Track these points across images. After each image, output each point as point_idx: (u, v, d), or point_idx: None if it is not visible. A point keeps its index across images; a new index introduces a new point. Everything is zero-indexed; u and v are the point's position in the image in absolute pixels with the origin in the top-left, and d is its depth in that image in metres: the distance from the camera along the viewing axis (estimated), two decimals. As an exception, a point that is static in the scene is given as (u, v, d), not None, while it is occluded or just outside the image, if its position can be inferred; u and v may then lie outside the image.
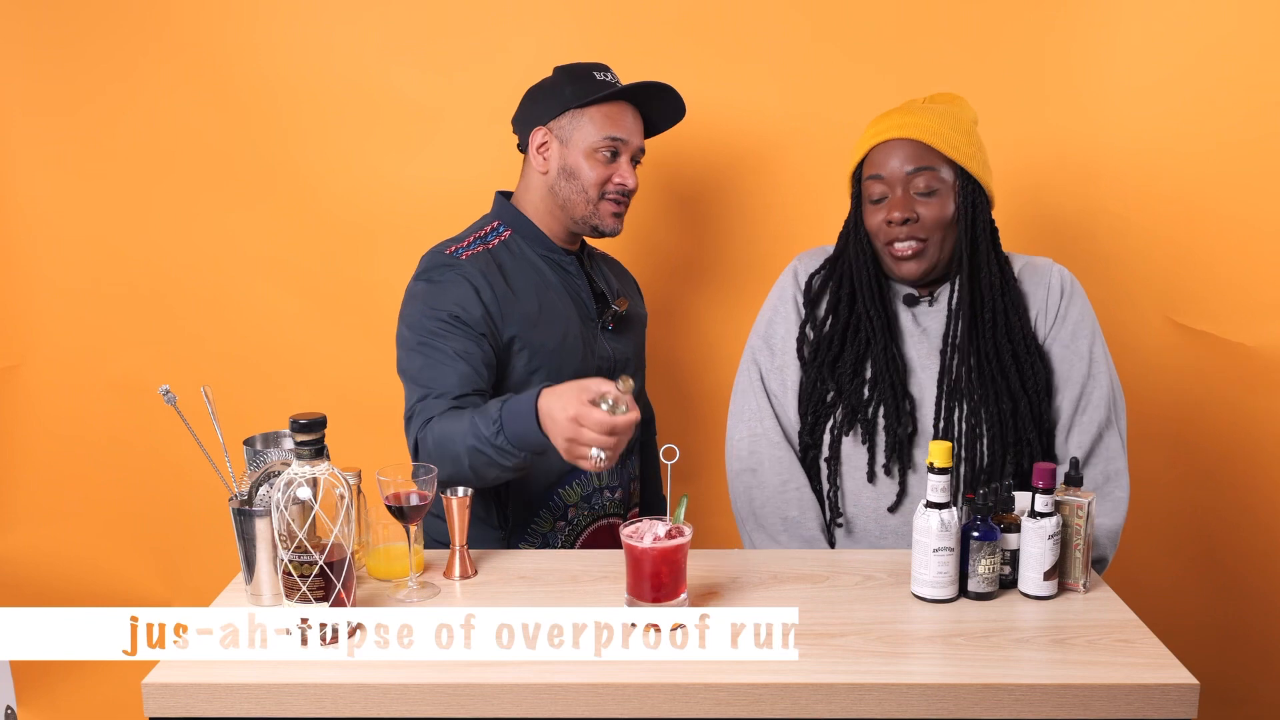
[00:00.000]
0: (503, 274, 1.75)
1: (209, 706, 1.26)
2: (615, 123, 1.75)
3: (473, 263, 1.73)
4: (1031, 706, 1.24)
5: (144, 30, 2.13)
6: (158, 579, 2.38)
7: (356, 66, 2.16)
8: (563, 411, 1.40)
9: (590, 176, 1.75)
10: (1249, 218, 2.09)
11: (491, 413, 1.52)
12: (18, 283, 2.25)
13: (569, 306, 1.80)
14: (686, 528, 1.40)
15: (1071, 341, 1.65)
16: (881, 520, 1.67)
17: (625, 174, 1.77)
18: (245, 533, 1.44)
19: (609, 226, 1.79)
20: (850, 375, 1.66)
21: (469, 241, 1.78)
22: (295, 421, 1.30)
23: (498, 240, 1.81)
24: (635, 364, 1.92)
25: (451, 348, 1.65)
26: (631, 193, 1.79)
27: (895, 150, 1.59)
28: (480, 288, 1.70)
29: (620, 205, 1.79)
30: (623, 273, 2.02)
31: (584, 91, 1.75)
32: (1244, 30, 2.03)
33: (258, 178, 2.20)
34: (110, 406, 2.29)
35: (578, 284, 1.83)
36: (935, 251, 1.61)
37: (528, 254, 1.80)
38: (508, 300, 1.72)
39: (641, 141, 1.80)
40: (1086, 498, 1.46)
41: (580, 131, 1.75)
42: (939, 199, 1.58)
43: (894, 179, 1.59)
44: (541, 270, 1.80)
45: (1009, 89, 2.11)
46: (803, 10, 2.11)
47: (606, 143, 1.74)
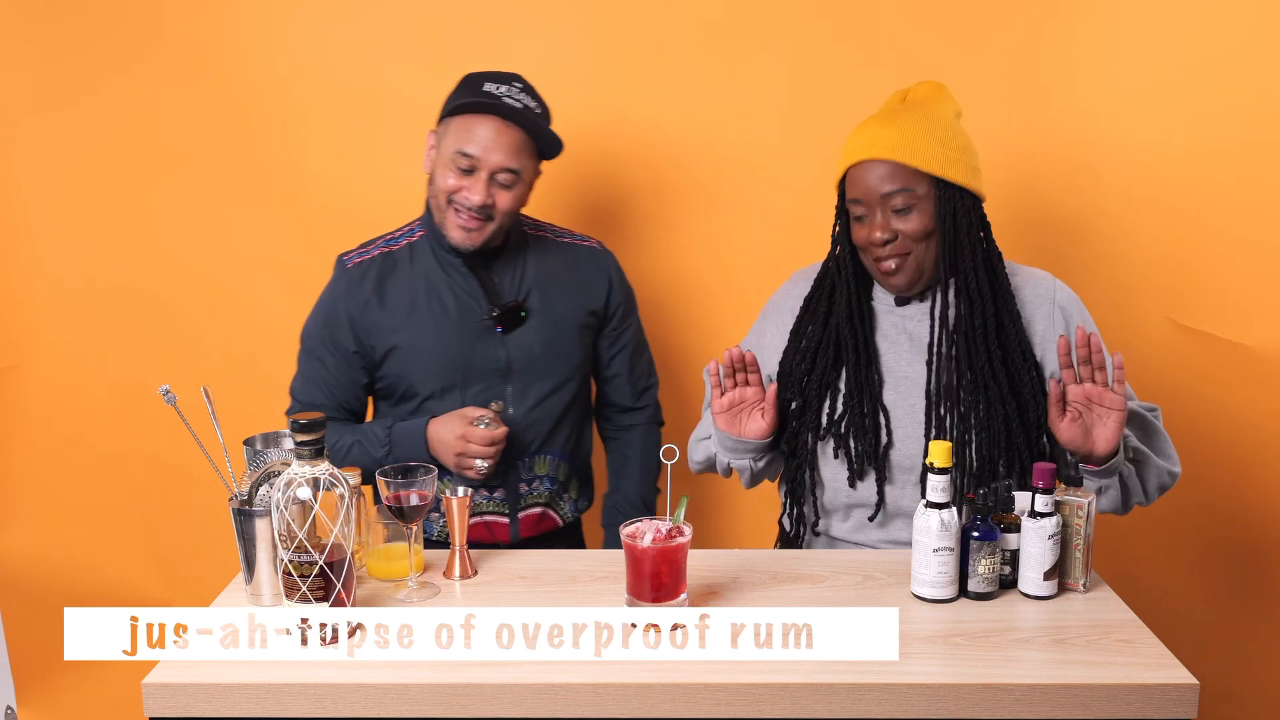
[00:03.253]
0: (381, 279, 1.82)
1: (209, 706, 1.26)
2: (470, 137, 1.72)
3: (355, 271, 1.83)
4: (1031, 706, 1.24)
5: (144, 30, 2.13)
6: (158, 579, 2.38)
7: (357, 66, 2.16)
8: (450, 434, 1.74)
9: (440, 184, 1.76)
10: (1249, 218, 2.09)
11: (379, 435, 1.79)
12: (18, 283, 2.25)
13: (452, 307, 1.81)
14: (686, 528, 1.40)
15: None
16: (863, 530, 1.68)
17: (472, 189, 1.73)
18: (245, 533, 1.44)
19: (455, 238, 1.77)
20: (818, 389, 1.67)
21: (375, 244, 1.87)
22: (295, 421, 1.30)
23: (407, 242, 1.86)
24: (551, 365, 1.86)
25: (324, 366, 1.83)
26: (484, 209, 1.74)
27: (870, 171, 1.58)
28: (348, 298, 1.81)
29: (470, 219, 1.75)
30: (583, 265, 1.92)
31: (455, 99, 1.75)
32: (1244, 30, 2.03)
33: (258, 178, 2.20)
34: (110, 406, 2.29)
35: (466, 285, 1.82)
36: (919, 262, 1.61)
37: (427, 255, 1.83)
38: (371, 309, 1.80)
39: (506, 162, 1.72)
40: (1086, 498, 1.46)
41: (446, 139, 1.76)
42: (917, 213, 1.58)
43: (871, 200, 1.59)
44: (433, 272, 1.82)
45: (1008, 89, 2.11)
46: (801, 10, 2.11)
47: (458, 155, 1.73)
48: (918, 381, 1.65)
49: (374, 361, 1.83)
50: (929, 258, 1.61)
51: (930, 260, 1.61)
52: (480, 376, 1.82)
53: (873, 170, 1.58)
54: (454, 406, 1.81)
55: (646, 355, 2.05)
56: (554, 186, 2.22)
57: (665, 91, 2.16)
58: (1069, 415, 1.49)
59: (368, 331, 1.81)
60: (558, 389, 1.87)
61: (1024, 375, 1.60)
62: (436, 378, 1.81)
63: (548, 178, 2.21)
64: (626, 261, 2.23)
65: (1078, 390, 1.48)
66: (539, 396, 1.85)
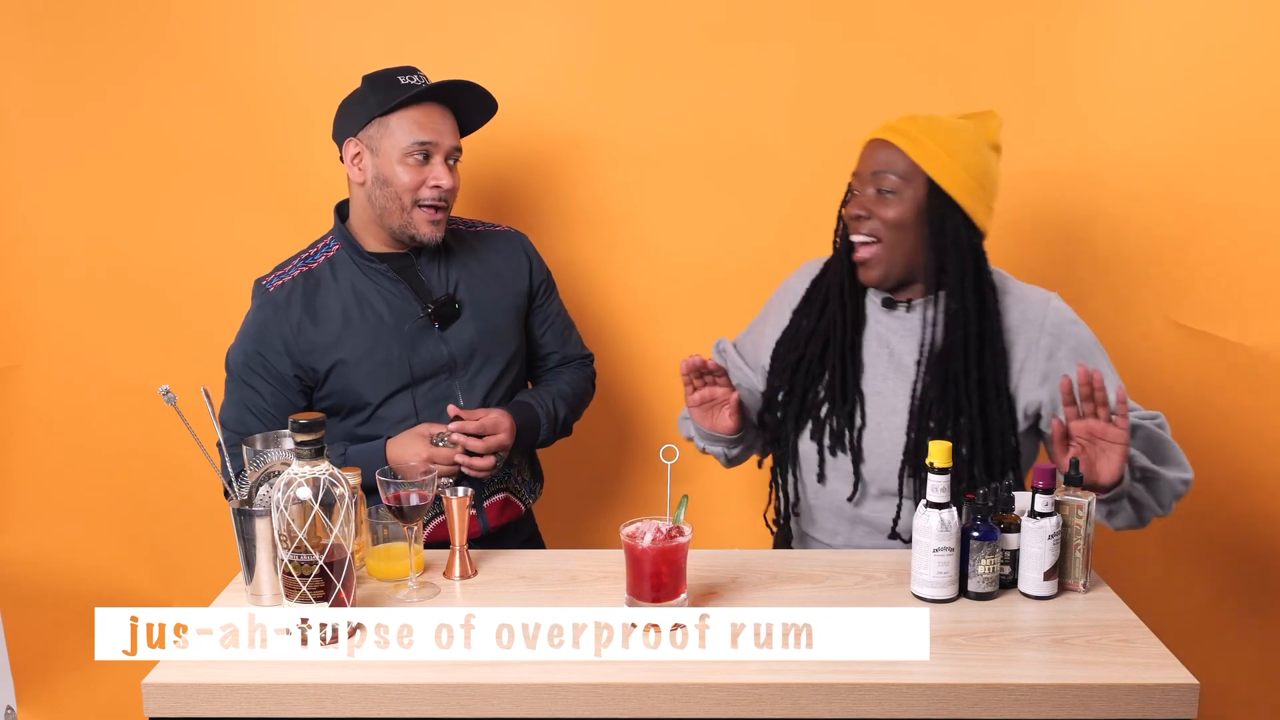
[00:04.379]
0: (308, 298, 1.79)
1: (209, 706, 1.26)
2: (421, 125, 1.73)
3: (279, 293, 1.80)
4: (1031, 706, 1.24)
5: (145, 31, 2.13)
6: (158, 579, 2.38)
7: (357, 66, 2.15)
8: (414, 457, 1.72)
9: (403, 182, 1.74)
10: (1249, 219, 2.09)
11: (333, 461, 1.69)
12: (18, 283, 2.24)
13: (386, 314, 1.80)
14: (686, 528, 1.40)
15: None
16: (841, 510, 1.71)
17: (439, 175, 1.75)
18: (245, 533, 1.44)
19: (425, 235, 1.78)
20: (804, 380, 1.71)
21: (291, 265, 1.84)
22: (295, 421, 1.30)
23: (325, 258, 1.84)
24: (492, 351, 1.87)
25: (257, 393, 1.79)
26: (449, 193, 1.77)
27: (875, 150, 1.64)
28: (278, 323, 1.78)
29: (438, 211, 1.77)
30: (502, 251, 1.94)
31: (387, 98, 1.74)
32: (1244, 31, 2.03)
33: (258, 178, 2.20)
34: (110, 406, 2.29)
35: (396, 289, 1.81)
36: (889, 255, 1.62)
37: (349, 267, 1.82)
38: (305, 329, 1.78)
39: (455, 141, 1.78)
40: (1086, 498, 1.46)
41: (389, 138, 1.74)
42: (897, 201, 1.60)
43: (863, 176, 1.64)
44: (359, 282, 1.81)
45: (1007, 90, 2.10)
46: (800, 12, 2.11)
47: (415, 146, 1.73)
48: (885, 390, 1.68)
49: (315, 382, 1.80)
50: (900, 255, 1.62)
51: (901, 258, 1.63)
52: (427, 376, 1.81)
53: (878, 150, 1.64)
54: (406, 409, 1.80)
55: (575, 331, 2.06)
56: (554, 185, 2.22)
57: (669, 88, 2.16)
58: (1072, 450, 1.47)
59: (305, 353, 1.78)
60: (501, 374, 1.88)
61: (991, 405, 1.62)
62: (384, 385, 1.79)
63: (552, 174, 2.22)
64: (625, 264, 2.24)
65: (1080, 426, 1.47)
66: (487, 385, 1.85)
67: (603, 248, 2.24)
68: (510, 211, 2.23)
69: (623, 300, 2.27)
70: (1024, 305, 1.67)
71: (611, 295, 2.27)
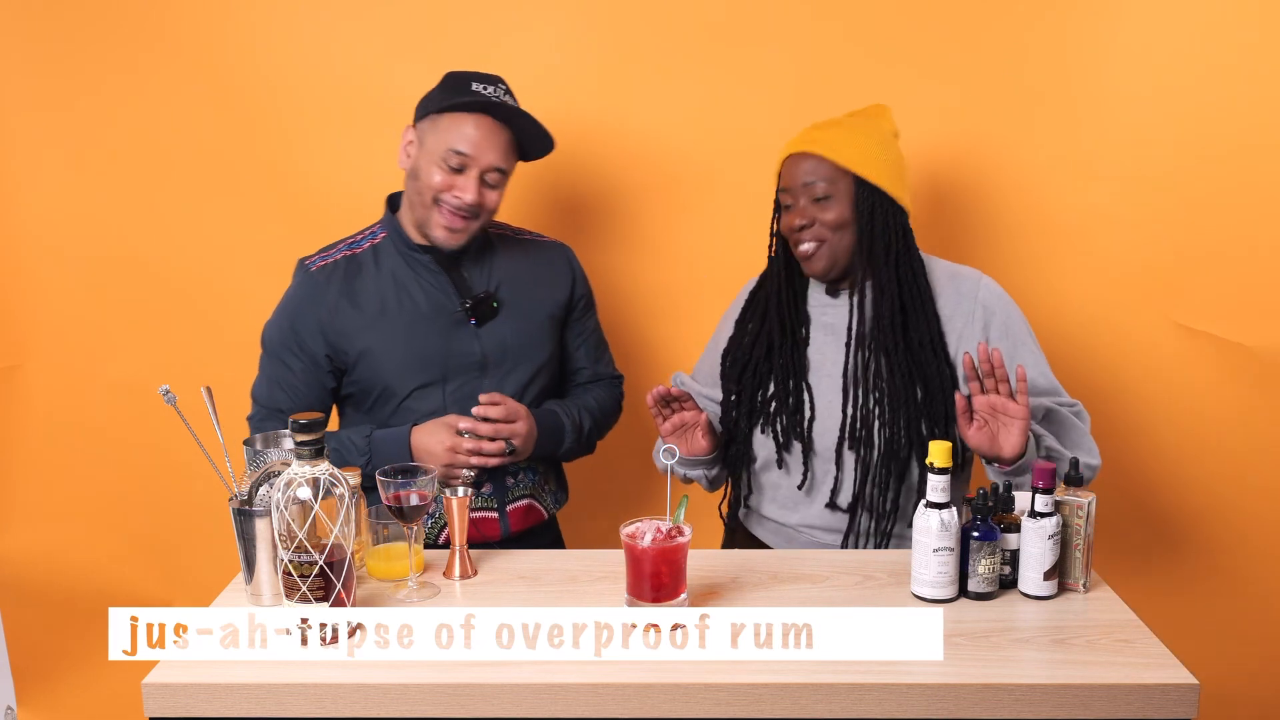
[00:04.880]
0: (348, 281, 1.81)
1: (209, 706, 1.26)
2: (462, 135, 1.73)
3: (320, 274, 1.82)
4: (1031, 706, 1.24)
5: (144, 30, 2.13)
6: (158, 579, 2.38)
7: (357, 66, 2.16)
8: (439, 445, 1.74)
9: (428, 180, 1.74)
10: (1249, 219, 2.09)
11: (358, 444, 1.78)
12: (18, 283, 2.24)
13: (423, 304, 1.81)
14: (686, 528, 1.40)
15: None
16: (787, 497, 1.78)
17: (464, 188, 1.73)
18: (245, 533, 1.44)
19: (440, 238, 1.77)
20: (753, 379, 1.80)
21: (336, 248, 1.86)
22: (295, 421, 1.30)
23: (369, 244, 1.86)
24: (526, 354, 1.87)
25: (289, 370, 1.81)
26: (471, 208, 1.75)
27: (797, 164, 1.74)
28: (315, 302, 1.80)
29: (457, 218, 1.75)
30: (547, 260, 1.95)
31: (445, 98, 1.74)
32: (1244, 31, 2.03)
33: (258, 178, 2.20)
34: (110, 406, 2.29)
35: (436, 281, 1.82)
36: (832, 250, 1.73)
37: (393, 255, 1.83)
38: (341, 311, 1.79)
39: (498, 161, 1.75)
40: (1086, 497, 1.46)
41: (433, 136, 1.75)
42: (834, 204, 1.71)
43: (795, 189, 1.74)
44: (400, 271, 1.82)
45: (1007, 91, 2.10)
46: (799, 13, 2.11)
47: (450, 153, 1.72)
48: (835, 371, 1.76)
49: (345, 366, 1.82)
50: (843, 248, 1.73)
51: (844, 251, 1.73)
52: (458, 371, 1.82)
53: (799, 163, 1.74)
54: (435, 403, 1.81)
55: (609, 352, 2.07)
56: (551, 186, 2.23)
57: (665, 90, 2.16)
58: (975, 423, 1.57)
59: (339, 335, 1.79)
60: (533, 378, 1.88)
61: (931, 367, 1.71)
62: (414, 376, 1.80)
63: (548, 176, 2.22)
64: (625, 264, 2.24)
65: (983, 401, 1.57)
66: (517, 387, 1.85)
67: (603, 248, 2.24)
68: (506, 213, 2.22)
69: (622, 300, 2.27)
70: (958, 281, 1.77)
71: (611, 295, 2.27)
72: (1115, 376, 2.18)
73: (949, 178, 2.17)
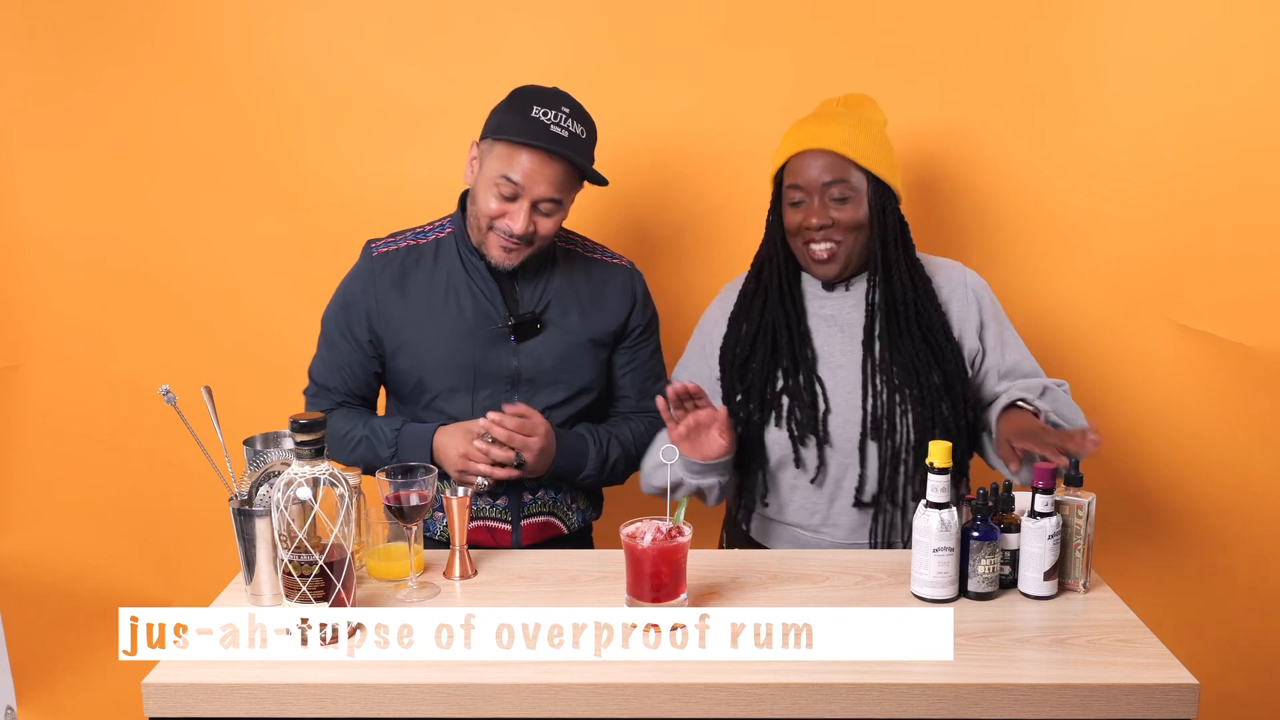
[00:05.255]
0: (404, 271, 1.81)
1: (209, 706, 1.26)
2: (513, 165, 1.69)
3: (380, 260, 1.82)
4: (1031, 706, 1.24)
5: (142, 30, 2.13)
6: (158, 579, 2.38)
7: (356, 65, 2.16)
8: (455, 449, 1.73)
9: (484, 205, 1.72)
10: (1249, 219, 2.09)
11: (387, 435, 1.78)
12: (18, 283, 2.25)
13: (470, 310, 1.78)
14: (686, 528, 1.40)
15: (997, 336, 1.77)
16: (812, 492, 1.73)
17: (514, 217, 1.71)
18: (245, 533, 1.44)
19: (495, 258, 1.75)
20: (760, 374, 1.74)
21: (404, 235, 1.86)
22: (295, 421, 1.30)
23: (435, 237, 1.85)
24: (561, 375, 1.82)
25: (339, 351, 1.83)
26: (524, 237, 1.72)
27: (812, 160, 1.69)
28: (367, 287, 1.81)
29: (510, 242, 1.73)
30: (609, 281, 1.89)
31: (503, 123, 1.71)
32: (1244, 30, 2.03)
33: (258, 178, 2.20)
34: (110, 406, 2.29)
35: (487, 289, 1.79)
36: (848, 251, 1.71)
37: (452, 254, 1.82)
38: (390, 302, 1.80)
39: (550, 193, 1.71)
40: (1086, 497, 1.46)
41: (490, 159, 1.72)
42: (852, 204, 1.69)
43: (811, 187, 1.69)
44: (455, 272, 1.80)
45: (1007, 90, 2.10)
46: (798, 14, 2.11)
47: (502, 180, 1.69)
48: (847, 364, 1.73)
49: (383, 354, 1.83)
50: (856, 250, 1.72)
51: (858, 252, 1.72)
52: (489, 382, 1.79)
53: (815, 159, 1.69)
54: (462, 409, 1.80)
55: (661, 383, 1.95)
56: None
57: (665, 90, 2.16)
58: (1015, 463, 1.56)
59: (383, 323, 1.80)
60: (566, 401, 1.84)
61: (947, 351, 1.71)
62: (445, 378, 1.79)
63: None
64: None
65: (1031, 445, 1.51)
66: (545, 407, 1.80)
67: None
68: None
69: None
70: (947, 270, 1.80)
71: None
72: (1115, 376, 2.18)
73: (948, 178, 2.17)
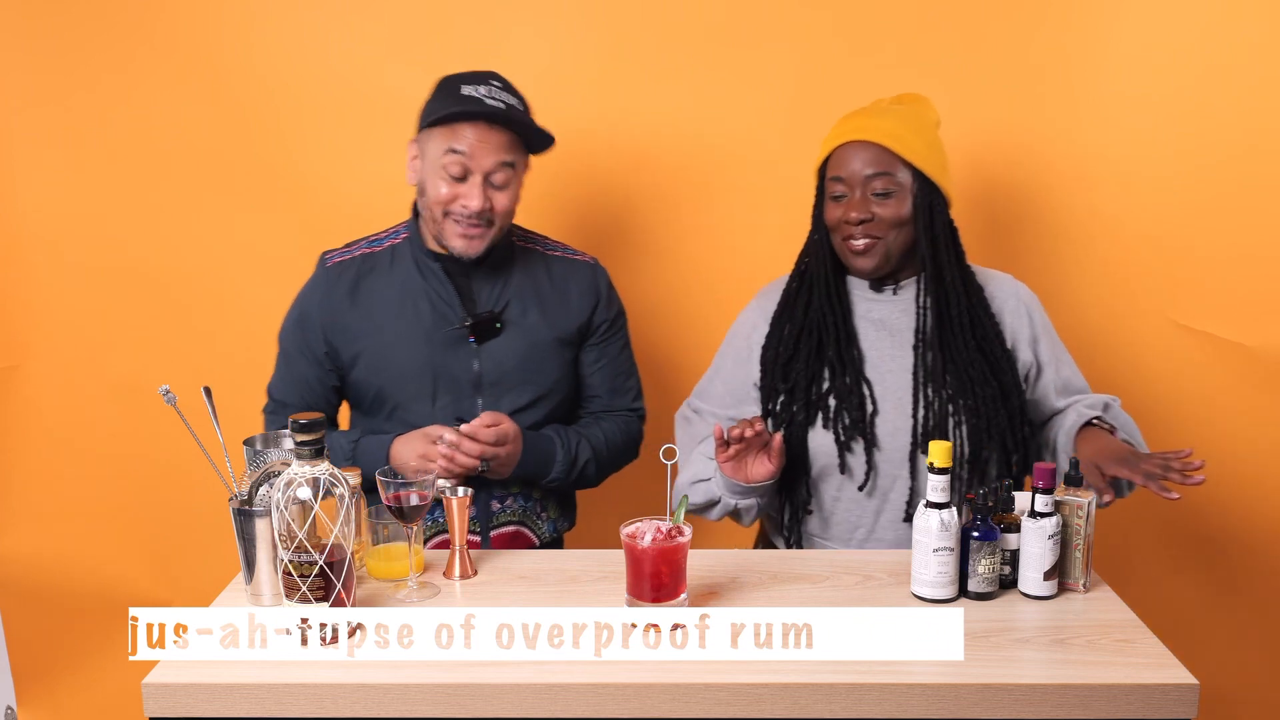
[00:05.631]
0: (358, 281, 1.79)
1: (209, 706, 1.26)
2: (459, 139, 1.66)
3: (334, 270, 1.81)
4: (1031, 706, 1.24)
5: (142, 30, 2.13)
6: (158, 579, 2.38)
7: (356, 65, 2.16)
8: (412, 454, 1.71)
9: (434, 194, 1.70)
10: (1248, 218, 2.09)
11: (344, 447, 1.77)
12: (18, 283, 2.25)
13: (427, 315, 1.76)
14: (686, 528, 1.40)
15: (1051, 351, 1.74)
16: (857, 503, 1.69)
17: (468, 196, 1.68)
18: (245, 533, 1.44)
19: (458, 248, 1.72)
20: (805, 374, 1.69)
21: (358, 244, 1.84)
22: (295, 421, 1.30)
23: (390, 244, 1.83)
24: (525, 377, 1.80)
25: (299, 366, 1.82)
26: (485, 214, 1.69)
27: (856, 152, 1.64)
28: (323, 300, 1.79)
29: (469, 226, 1.70)
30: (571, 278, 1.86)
31: (437, 108, 1.69)
32: (1242, 31, 2.03)
33: (258, 178, 2.21)
34: (110, 406, 2.29)
35: (444, 291, 1.77)
36: (888, 248, 1.66)
37: (407, 260, 1.79)
38: (345, 314, 1.78)
39: (501, 157, 1.68)
40: (1086, 497, 1.46)
41: (432, 148, 1.70)
42: (895, 200, 1.64)
43: (854, 180, 1.65)
44: (411, 277, 1.78)
45: (1005, 91, 2.11)
46: (798, 13, 2.11)
47: (449, 158, 1.67)
48: (896, 369, 1.69)
49: (342, 367, 1.80)
50: (898, 246, 1.67)
51: (898, 248, 1.67)
52: (451, 387, 1.77)
53: (859, 151, 1.64)
54: (423, 414, 1.77)
55: (632, 379, 1.95)
56: (552, 187, 2.22)
57: (665, 90, 2.16)
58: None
59: (339, 335, 1.78)
60: (532, 404, 1.81)
61: (1003, 362, 1.67)
62: (405, 385, 1.76)
63: (549, 176, 2.21)
64: (624, 265, 2.23)
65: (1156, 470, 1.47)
66: (510, 410, 1.77)
67: (600, 249, 2.24)
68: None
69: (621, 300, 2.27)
70: (998, 281, 1.76)
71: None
72: (1115, 376, 2.18)
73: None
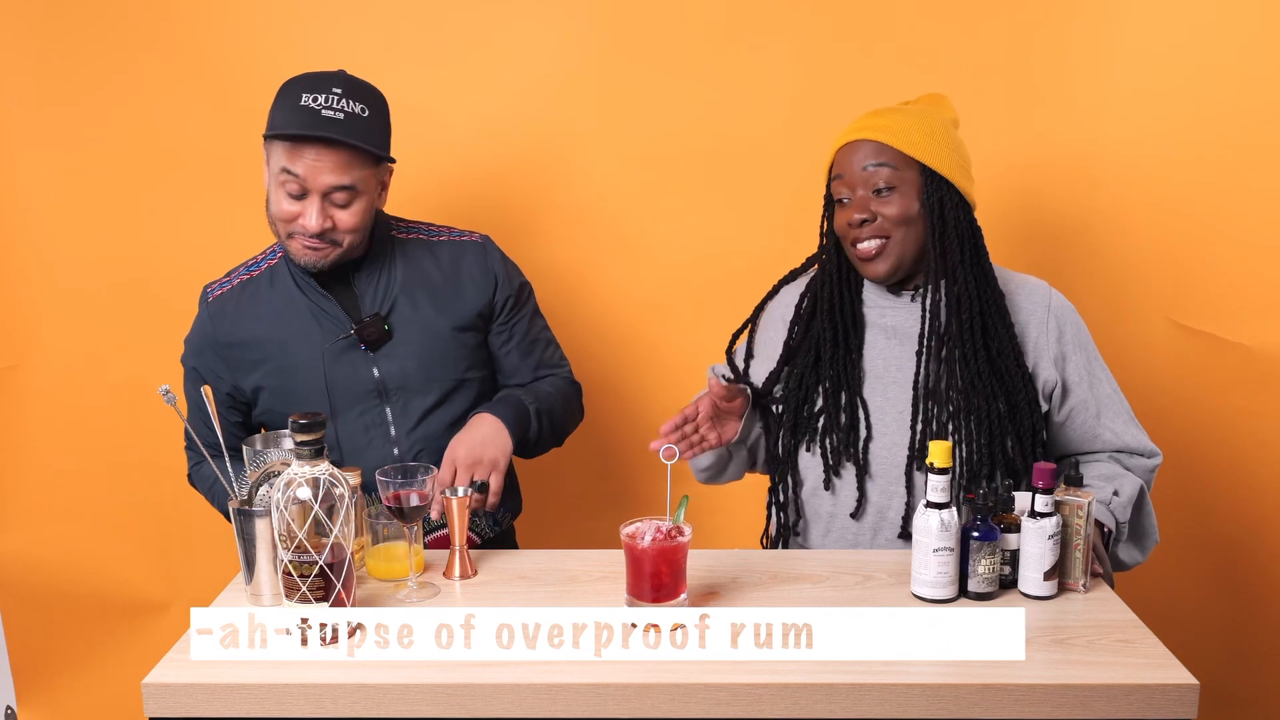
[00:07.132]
0: (241, 310, 1.73)
1: (209, 706, 1.26)
2: (294, 159, 1.58)
3: (216, 304, 1.75)
4: (1031, 706, 1.24)
5: (142, 31, 2.13)
6: (158, 579, 2.38)
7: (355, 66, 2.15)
8: None
9: (274, 209, 1.64)
10: (1248, 219, 2.09)
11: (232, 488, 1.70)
12: (18, 283, 2.25)
13: (314, 332, 1.70)
14: (686, 528, 1.40)
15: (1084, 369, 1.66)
16: (843, 528, 1.66)
17: (307, 215, 1.60)
18: (245, 533, 1.44)
19: (303, 260, 1.65)
20: (797, 387, 1.66)
21: (235, 272, 1.78)
22: (295, 421, 1.30)
23: (267, 265, 1.76)
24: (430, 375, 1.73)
25: (199, 406, 1.69)
26: (321, 234, 1.61)
27: (856, 151, 1.60)
28: (211, 338, 1.74)
29: (312, 241, 1.63)
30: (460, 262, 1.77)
31: (274, 120, 1.61)
32: (1242, 31, 2.03)
33: (259, 179, 2.19)
34: (110, 406, 2.29)
35: (325, 303, 1.71)
36: (899, 249, 1.59)
37: (285, 279, 1.73)
38: (237, 344, 1.73)
39: (338, 180, 1.59)
40: (1086, 498, 1.46)
41: (272, 159, 1.62)
42: (898, 196, 1.58)
43: (854, 179, 1.60)
44: (292, 296, 1.72)
45: (1006, 91, 2.11)
46: (798, 12, 2.11)
47: (286, 178, 1.59)
48: (901, 380, 1.64)
49: (246, 398, 1.75)
50: (910, 246, 1.60)
51: (911, 250, 1.60)
52: (354, 400, 1.71)
53: (858, 150, 1.60)
54: (339, 431, 1.72)
55: (550, 349, 1.89)
56: (551, 186, 2.23)
57: (667, 88, 2.16)
58: None
59: (235, 368, 1.73)
60: (443, 401, 1.75)
61: (1015, 379, 1.59)
62: (306, 406, 1.70)
63: (550, 175, 2.21)
64: (624, 265, 2.23)
65: None
66: (422, 412, 1.73)
67: (600, 248, 2.24)
68: (506, 213, 2.23)
69: (620, 300, 2.27)
70: (1027, 289, 1.67)
71: (609, 295, 2.27)
72: (1115, 376, 2.18)
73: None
